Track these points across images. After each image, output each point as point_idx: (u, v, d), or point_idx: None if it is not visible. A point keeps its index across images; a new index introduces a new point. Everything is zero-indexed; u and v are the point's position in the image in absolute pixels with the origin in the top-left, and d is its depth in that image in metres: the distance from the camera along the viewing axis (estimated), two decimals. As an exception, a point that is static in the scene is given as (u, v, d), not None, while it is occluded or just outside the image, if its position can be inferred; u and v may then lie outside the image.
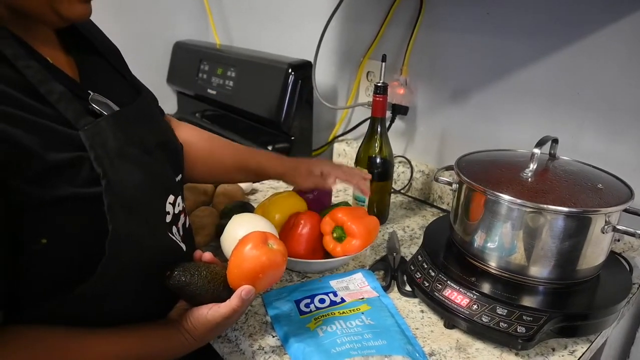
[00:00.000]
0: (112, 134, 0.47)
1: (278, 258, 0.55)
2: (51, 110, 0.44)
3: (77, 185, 0.43)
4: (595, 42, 0.76)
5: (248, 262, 0.54)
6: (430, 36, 0.99)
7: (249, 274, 0.54)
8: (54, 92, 0.44)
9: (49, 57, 0.49)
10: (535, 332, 0.57)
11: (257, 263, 0.54)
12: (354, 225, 0.71)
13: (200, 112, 1.53)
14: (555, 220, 0.60)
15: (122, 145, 0.48)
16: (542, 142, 0.65)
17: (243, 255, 0.54)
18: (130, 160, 0.49)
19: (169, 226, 0.55)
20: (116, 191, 0.45)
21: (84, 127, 0.45)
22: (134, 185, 0.48)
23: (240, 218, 0.70)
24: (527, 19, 0.83)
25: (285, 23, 1.36)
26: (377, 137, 0.88)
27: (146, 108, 0.59)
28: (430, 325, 0.65)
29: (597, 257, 0.63)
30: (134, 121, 0.54)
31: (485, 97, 0.93)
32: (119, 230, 0.45)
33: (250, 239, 0.56)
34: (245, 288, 0.53)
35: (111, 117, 0.49)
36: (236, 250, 0.55)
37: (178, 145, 0.65)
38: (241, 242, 0.56)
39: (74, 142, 0.44)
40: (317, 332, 0.60)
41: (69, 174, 0.43)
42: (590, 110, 0.79)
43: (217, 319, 0.52)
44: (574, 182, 0.64)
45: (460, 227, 0.71)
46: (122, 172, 0.47)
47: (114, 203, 0.44)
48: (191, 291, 0.53)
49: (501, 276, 0.65)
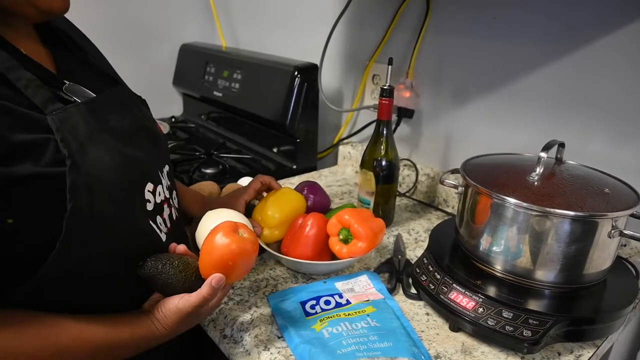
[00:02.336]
0: (82, 119, 0.48)
1: (248, 246, 0.55)
2: (19, 97, 0.45)
3: (41, 165, 0.44)
4: (602, 47, 0.76)
5: (218, 250, 0.54)
6: (436, 40, 0.99)
7: (219, 262, 0.54)
8: (21, 78, 0.45)
9: (23, 49, 0.50)
10: (542, 336, 0.57)
11: (227, 251, 0.54)
12: (360, 227, 0.71)
13: (206, 114, 1.54)
14: (562, 224, 0.60)
15: (93, 130, 0.49)
16: (548, 146, 0.65)
17: (213, 244, 0.55)
18: (101, 145, 0.49)
19: (152, 214, 0.55)
20: (83, 172, 0.45)
21: (52, 112, 0.46)
22: (103, 168, 0.48)
23: (213, 213, 0.70)
24: (534, 24, 0.83)
25: (291, 26, 1.36)
26: (382, 140, 0.88)
27: (122, 96, 0.60)
28: (436, 328, 0.65)
29: (604, 261, 0.63)
30: (108, 108, 0.54)
31: (491, 100, 0.93)
32: (81, 209, 0.45)
33: (220, 228, 0.56)
34: (216, 276, 0.53)
35: (83, 103, 0.50)
36: (207, 240, 0.56)
37: (159, 134, 0.65)
38: (212, 232, 0.56)
39: (41, 126, 0.45)
40: (322, 333, 0.60)
41: (33, 154, 0.43)
42: (597, 115, 0.79)
43: (188, 308, 0.53)
44: (580, 186, 0.64)
45: (465, 230, 0.71)
46: (91, 154, 0.47)
47: (78, 183, 0.45)
48: (163, 280, 0.53)
49: (507, 279, 0.65)
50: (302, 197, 0.82)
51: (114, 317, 0.52)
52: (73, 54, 0.60)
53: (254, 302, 0.68)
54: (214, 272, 0.54)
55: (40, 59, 0.52)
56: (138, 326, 0.53)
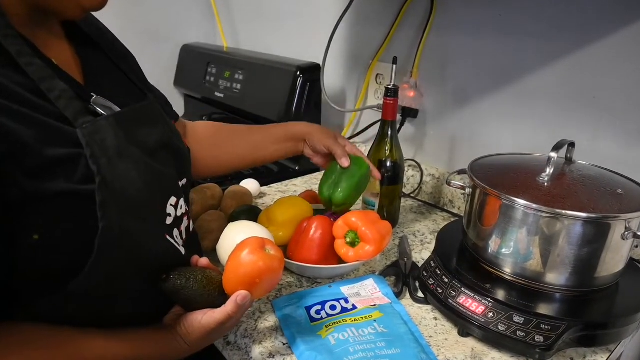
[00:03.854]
0: (112, 134, 0.47)
1: (275, 264, 0.54)
2: (51, 107, 0.44)
3: (73, 182, 0.43)
4: (611, 44, 0.74)
5: (245, 267, 0.53)
6: (441, 38, 0.98)
7: (245, 279, 0.53)
8: (54, 89, 0.44)
9: (54, 58, 0.50)
10: (554, 341, 0.56)
11: (254, 268, 0.53)
12: (368, 230, 0.70)
13: (208, 115, 1.53)
14: (573, 226, 0.58)
15: (122, 145, 0.48)
16: (558, 146, 0.64)
17: (239, 261, 0.53)
18: (129, 159, 0.48)
19: (169, 229, 0.54)
20: (111, 189, 0.44)
21: (82, 125, 0.44)
22: (131, 185, 0.47)
23: (236, 225, 0.69)
24: (541, 21, 0.81)
25: (293, 25, 1.35)
26: (387, 140, 0.86)
27: (150, 110, 0.59)
28: (444, 333, 0.63)
29: (617, 264, 0.62)
30: (136, 122, 0.54)
31: (497, 99, 0.91)
32: (111, 228, 0.44)
33: (247, 244, 0.55)
34: (241, 293, 0.52)
35: (112, 117, 0.49)
36: (233, 256, 0.54)
37: (184, 149, 0.64)
38: (238, 248, 0.55)
39: (71, 139, 0.44)
40: (328, 339, 0.59)
41: (65, 170, 0.43)
42: (607, 114, 0.77)
43: (212, 324, 0.52)
44: (592, 187, 0.62)
45: (473, 233, 0.69)
46: (120, 170, 0.46)
47: (107, 200, 0.44)
48: (186, 295, 0.52)
49: (517, 283, 0.63)
50: (307, 203, 0.81)
51: (137, 333, 0.51)
52: (100, 61, 0.59)
53: (258, 308, 0.67)
54: (239, 288, 0.52)
55: (70, 69, 0.52)
56: (161, 342, 0.52)
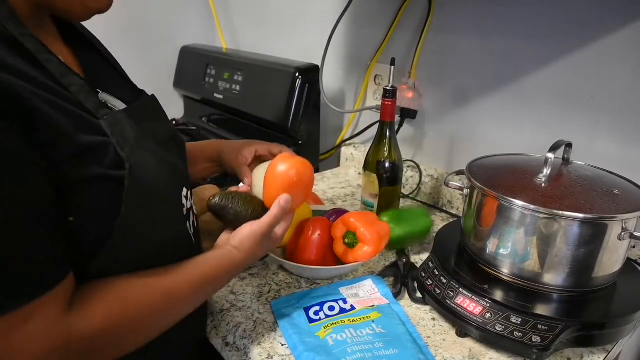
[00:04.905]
0: (128, 126, 0.49)
1: (307, 165, 0.63)
2: (75, 100, 0.45)
3: (105, 167, 0.44)
4: (608, 45, 0.74)
5: (280, 176, 0.61)
6: (439, 39, 0.98)
7: (283, 184, 0.60)
8: (74, 84, 0.46)
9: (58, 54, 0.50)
10: (551, 341, 0.56)
11: (289, 173, 0.60)
12: (367, 231, 0.70)
13: (207, 116, 1.53)
14: (571, 226, 0.58)
15: (138, 136, 0.50)
16: (556, 147, 0.64)
17: (275, 173, 0.61)
18: (147, 150, 0.50)
19: (185, 219, 0.56)
20: (136, 175, 0.46)
21: (103, 117, 0.46)
22: (152, 174, 0.49)
23: (263, 165, 0.69)
24: (539, 21, 0.81)
25: (292, 27, 1.35)
26: (385, 141, 0.87)
27: (155, 105, 0.61)
28: (442, 334, 0.64)
29: (614, 264, 0.62)
30: (145, 116, 0.55)
31: (495, 100, 0.91)
32: (133, 215, 0.46)
33: (276, 160, 0.63)
34: (283, 196, 0.59)
35: (125, 110, 0.51)
36: (268, 173, 0.62)
37: (183, 141, 0.66)
38: (270, 167, 0.62)
39: (98, 129, 0.45)
40: (327, 340, 0.59)
41: (97, 156, 0.44)
42: (604, 114, 0.77)
43: (262, 228, 0.58)
44: (589, 188, 0.63)
45: (472, 233, 0.69)
46: (141, 159, 0.48)
47: (133, 187, 0.46)
48: (233, 211, 0.59)
49: (514, 283, 0.64)
50: (306, 204, 0.81)
51: (199, 258, 0.55)
52: (96, 60, 0.60)
53: (257, 309, 0.67)
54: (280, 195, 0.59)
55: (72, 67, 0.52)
56: (222, 258, 0.56)
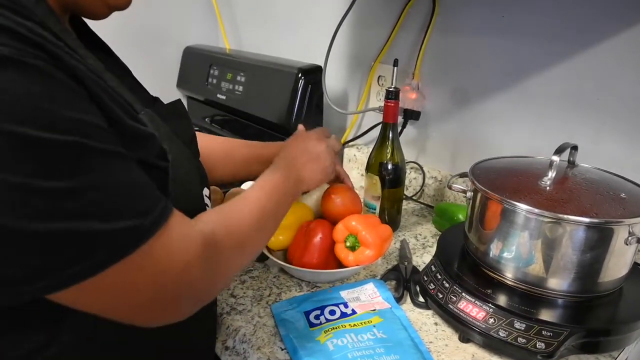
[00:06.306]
0: (161, 122, 0.49)
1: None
2: (118, 93, 0.45)
3: (154, 156, 0.45)
4: (614, 47, 0.73)
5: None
6: (443, 40, 0.97)
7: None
8: (111, 79, 0.46)
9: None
10: (556, 348, 0.55)
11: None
12: (368, 234, 0.69)
13: (210, 117, 1.53)
14: (576, 231, 0.57)
15: (170, 134, 0.50)
16: (561, 149, 0.63)
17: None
18: (178, 147, 0.50)
19: None
20: (177, 168, 0.47)
21: (140, 111, 0.47)
22: (186, 169, 0.49)
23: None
24: (544, 23, 0.80)
25: (295, 27, 1.35)
26: (388, 142, 0.86)
27: (180, 106, 0.62)
28: (445, 339, 0.63)
29: (620, 269, 0.61)
30: (172, 115, 0.56)
31: (499, 102, 0.90)
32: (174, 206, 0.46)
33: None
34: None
35: (155, 109, 0.51)
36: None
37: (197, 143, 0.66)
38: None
39: (141, 122, 0.46)
40: (327, 345, 0.58)
41: (146, 144, 0.45)
42: (610, 116, 0.76)
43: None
44: (595, 191, 0.61)
45: (475, 237, 0.68)
46: (177, 155, 0.48)
47: (175, 179, 0.46)
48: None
49: (518, 288, 0.63)
50: (308, 207, 0.80)
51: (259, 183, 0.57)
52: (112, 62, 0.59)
53: (257, 312, 0.67)
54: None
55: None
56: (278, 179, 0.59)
